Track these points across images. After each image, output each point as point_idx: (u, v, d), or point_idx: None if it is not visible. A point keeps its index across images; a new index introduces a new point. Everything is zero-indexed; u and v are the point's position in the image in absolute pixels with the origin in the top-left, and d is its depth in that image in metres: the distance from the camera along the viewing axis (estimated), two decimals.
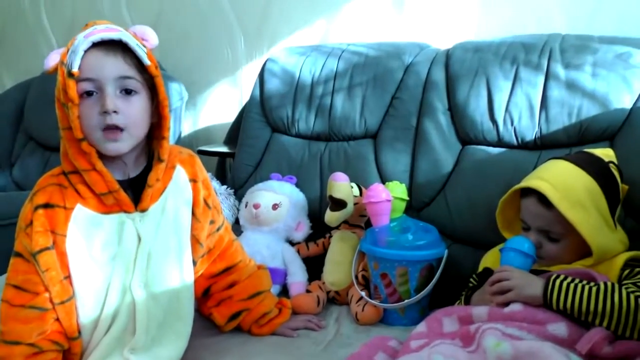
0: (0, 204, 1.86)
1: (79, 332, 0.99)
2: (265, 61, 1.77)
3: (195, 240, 1.08)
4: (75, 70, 0.92)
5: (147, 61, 0.96)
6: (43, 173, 1.03)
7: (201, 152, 1.85)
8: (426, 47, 1.60)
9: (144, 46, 0.99)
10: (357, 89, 1.56)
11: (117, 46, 0.95)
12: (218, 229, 1.15)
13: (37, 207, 0.96)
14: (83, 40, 0.93)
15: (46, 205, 0.97)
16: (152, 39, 1.02)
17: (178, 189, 1.05)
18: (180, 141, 2.13)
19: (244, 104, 1.91)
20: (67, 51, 0.95)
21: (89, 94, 0.94)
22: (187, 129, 2.28)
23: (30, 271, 0.97)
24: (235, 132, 1.82)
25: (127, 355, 1.00)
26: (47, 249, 0.96)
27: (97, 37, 0.93)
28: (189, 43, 2.23)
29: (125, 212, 1.00)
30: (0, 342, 0.96)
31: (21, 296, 0.97)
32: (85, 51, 0.92)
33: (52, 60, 0.97)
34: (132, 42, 0.95)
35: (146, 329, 1.01)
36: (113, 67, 0.94)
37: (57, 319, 0.98)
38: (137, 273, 1.01)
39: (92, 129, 0.94)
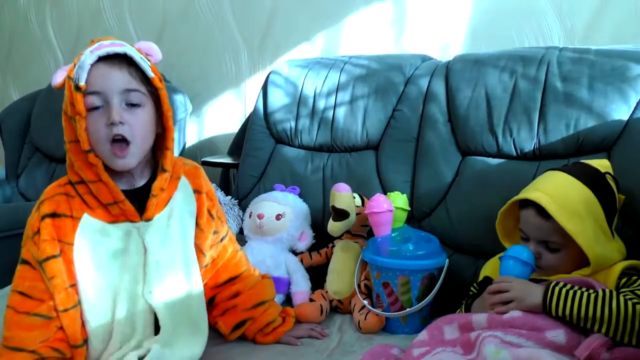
0: (6, 215, 1.88)
1: (84, 340, 1.00)
2: (269, 73, 1.79)
3: (198, 250, 1.09)
4: (82, 83, 0.94)
5: (151, 74, 0.99)
6: (49, 184, 1.04)
7: (205, 163, 1.87)
8: (427, 60, 1.62)
9: (149, 60, 1.01)
10: (359, 101, 1.58)
11: (122, 60, 0.97)
12: (222, 239, 1.16)
13: (44, 217, 0.98)
14: (89, 55, 0.96)
15: (53, 215, 0.98)
16: (156, 54, 1.05)
17: (183, 200, 1.08)
18: (184, 152, 2.15)
19: (247, 115, 1.94)
20: (74, 66, 0.97)
21: (95, 108, 0.96)
22: (191, 140, 2.31)
23: (37, 278, 0.99)
24: (239, 143, 1.84)
25: (147, 345, 1.01)
26: (53, 257, 0.98)
27: (102, 52, 0.96)
28: (193, 55, 2.26)
29: (131, 221, 1.02)
30: (2, 348, 0.97)
31: (26, 303, 0.98)
32: (92, 65, 0.95)
33: (60, 76, 0.99)
34: (137, 56, 0.98)
35: (162, 333, 1.02)
36: (118, 80, 0.97)
37: (61, 327, 0.99)
38: (148, 281, 1.02)
39: (99, 141, 0.97)
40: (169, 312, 1.03)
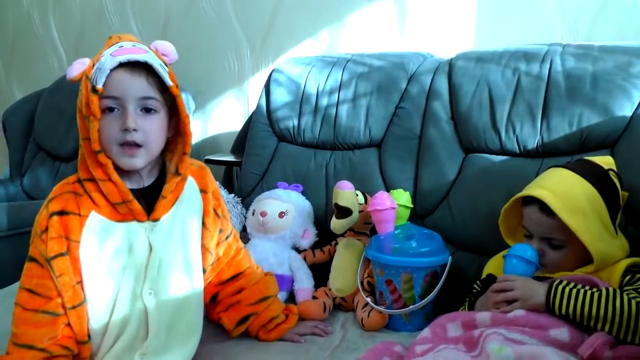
0: (11, 214, 1.89)
1: (89, 337, 1.02)
2: (271, 72, 1.79)
3: (205, 249, 1.10)
4: (99, 86, 0.94)
5: (169, 82, 0.99)
6: (53, 183, 1.06)
7: (208, 161, 1.87)
8: (429, 57, 1.62)
9: (166, 65, 1.01)
10: (361, 99, 1.58)
11: (141, 67, 0.97)
12: (227, 238, 1.17)
13: (52, 214, 0.99)
14: (110, 58, 0.95)
15: (61, 213, 0.99)
16: (172, 54, 1.05)
17: (189, 200, 1.08)
18: None
19: (250, 113, 1.94)
20: (93, 66, 0.97)
21: (110, 109, 0.97)
22: (194, 138, 2.27)
23: (44, 276, 0.99)
24: (242, 142, 1.84)
25: (137, 359, 1.02)
26: (61, 254, 0.98)
27: (124, 58, 0.95)
28: (196, 54, 2.26)
29: (138, 221, 1.02)
30: (11, 344, 0.98)
31: (34, 300, 0.99)
32: (111, 70, 0.95)
33: (76, 69, 0.99)
34: (156, 64, 0.98)
35: (157, 335, 1.03)
36: (137, 87, 0.97)
37: (68, 324, 1.00)
38: (148, 281, 1.03)
39: (111, 144, 0.98)
40: (162, 316, 1.03)
